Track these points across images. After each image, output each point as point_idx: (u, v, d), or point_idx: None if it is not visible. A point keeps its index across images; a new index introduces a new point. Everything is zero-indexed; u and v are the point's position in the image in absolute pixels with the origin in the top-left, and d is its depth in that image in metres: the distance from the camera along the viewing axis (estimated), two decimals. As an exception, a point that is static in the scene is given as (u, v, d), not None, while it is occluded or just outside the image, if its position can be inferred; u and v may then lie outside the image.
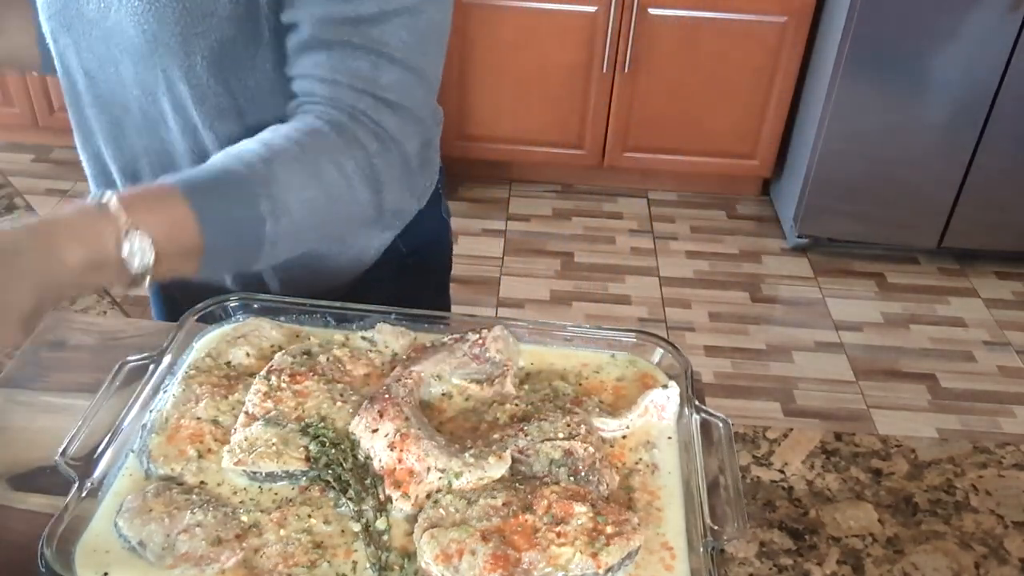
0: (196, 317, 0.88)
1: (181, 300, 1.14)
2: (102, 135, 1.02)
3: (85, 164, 1.09)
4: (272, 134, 0.84)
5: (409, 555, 0.68)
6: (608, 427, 0.79)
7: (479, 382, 0.83)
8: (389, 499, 0.71)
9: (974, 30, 2.64)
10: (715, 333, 2.79)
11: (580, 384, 0.85)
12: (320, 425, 0.76)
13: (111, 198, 0.73)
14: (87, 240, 0.71)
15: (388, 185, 0.89)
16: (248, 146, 0.83)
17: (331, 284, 1.09)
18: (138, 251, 0.73)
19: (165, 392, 0.80)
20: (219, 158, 0.83)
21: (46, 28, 0.97)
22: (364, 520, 0.70)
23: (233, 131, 0.93)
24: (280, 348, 0.86)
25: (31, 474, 0.82)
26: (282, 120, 0.88)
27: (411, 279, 1.16)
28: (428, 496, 0.71)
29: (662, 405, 0.81)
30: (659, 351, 0.87)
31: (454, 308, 1.30)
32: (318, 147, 0.84)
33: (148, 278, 0.75)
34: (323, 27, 0.85)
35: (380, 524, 0.70)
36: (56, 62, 0.99)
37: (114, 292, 0.90)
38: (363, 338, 0.88)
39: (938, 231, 3.01)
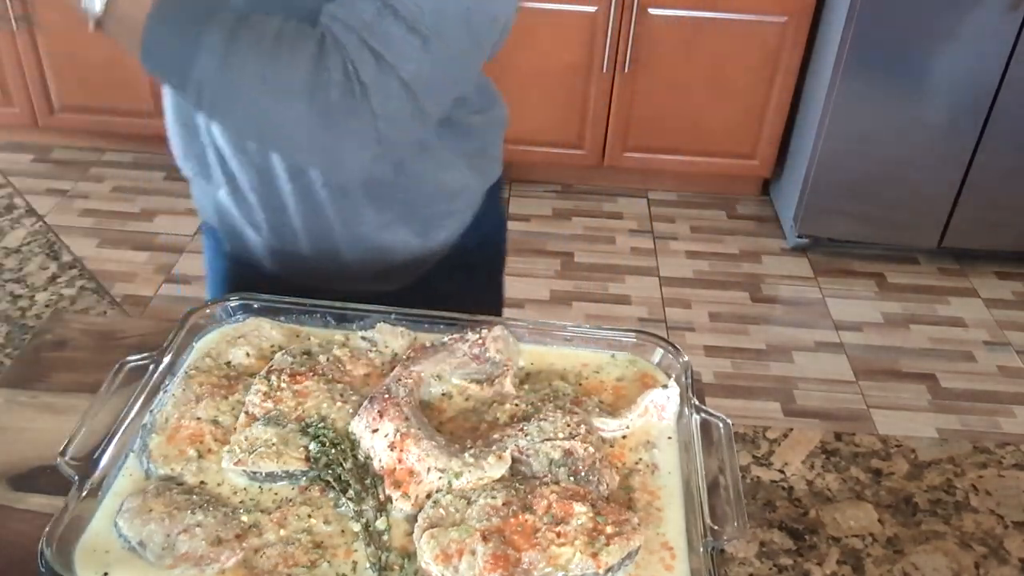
0: (196, 317, 0.88)
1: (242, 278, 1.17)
2: None
3: (173, 138, 1.12)
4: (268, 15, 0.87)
5: (409, 555, 0.68)
6: (608, 427, 0.79)
7: (479, 382, 0.83)
8: (389, 499, 0.71)
9: (974, 30, 2.64)
10: (715, 333, 2.79)
11: (580, 384, 0.85)
12: (320, 425, 0.76)
13: None
14: None
15: (335, 116, 0.85)
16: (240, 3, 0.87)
17: (401, 273, 1.12)
18: None
19: (165, 392, 0.80)
20: None
21: None
22: (364, 520, 0.70)
23: None
24: (280, 348, 0.86)
25: (31, 474, 0.82)
26: None
27: (467, 275, 1.18)
28: (428, 496, 0.71)
29: (662, 405, 0.81)
30: (659, 351, 0.87)
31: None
32: (291, 39, 0.84)
33: (94, 24, 0.85)
34: None
35: (380, 524, 0.70)
36: None
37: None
38: (363, 338, 0.88)
39: (938, 231, 3.01)
